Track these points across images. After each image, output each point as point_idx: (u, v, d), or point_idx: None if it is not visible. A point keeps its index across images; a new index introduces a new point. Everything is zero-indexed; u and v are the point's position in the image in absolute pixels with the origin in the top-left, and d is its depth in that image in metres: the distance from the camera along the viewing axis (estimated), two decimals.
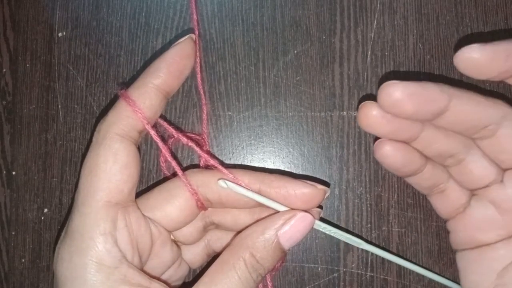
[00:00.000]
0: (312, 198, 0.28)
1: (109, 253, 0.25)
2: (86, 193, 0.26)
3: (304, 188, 0.28)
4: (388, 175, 0.34)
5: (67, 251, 0.25)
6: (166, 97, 0.28)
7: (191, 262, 0.31)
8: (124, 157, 0.26)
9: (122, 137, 0.26)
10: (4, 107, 0.35)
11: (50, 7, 0.36)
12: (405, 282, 0.34)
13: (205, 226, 0.30)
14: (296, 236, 0.27)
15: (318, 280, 0.34)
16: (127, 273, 0.25)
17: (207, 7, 0.35)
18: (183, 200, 0.28)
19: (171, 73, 0.27)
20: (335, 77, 0.35)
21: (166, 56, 0.28)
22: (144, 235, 0.27)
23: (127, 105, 0.27)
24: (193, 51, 0.29)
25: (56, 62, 0.35)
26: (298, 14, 0.35)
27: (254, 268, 0.26)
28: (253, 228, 0.27)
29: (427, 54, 0.35)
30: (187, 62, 0.28)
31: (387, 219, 0.34)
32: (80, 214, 0.25)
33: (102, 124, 0.27)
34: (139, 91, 0.27)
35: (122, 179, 0.26)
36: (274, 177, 0.28)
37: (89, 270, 0.24)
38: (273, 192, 0.28)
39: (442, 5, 0.35)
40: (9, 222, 0.35)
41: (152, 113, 0.27)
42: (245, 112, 0.35)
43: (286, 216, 0.27)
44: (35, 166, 0.35)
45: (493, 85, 0.34)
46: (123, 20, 0.35)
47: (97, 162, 0.26)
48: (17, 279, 0.34)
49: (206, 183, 0.28)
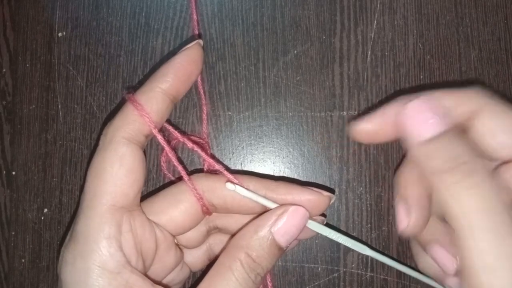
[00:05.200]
0: (317, 205, 0.28)
1: (112, 257, 0.25)
2: (92, 196, 0.26)
3: (310, 195, 0.28)
4: (388, 175, 0.34)
5: (71, 254, 0.25)
6: (173, 101, 0.28)
7: (192, 265, 0.31)
8: (131, 161, 0.26)
9: (129, 141, 0.26)
10: (4, 107, 0.35)
11: (50, 7, 0.36)
12: (405, 282, 0.34)
13: (208, 230, 0.30)
14: (291, 231, 0.27)
15: (318, 280, 0.34)
16: (129, 278, 0.25)
17: (207, 7, 0.35)
18: (189, 205, 0.28)
19: (179, 78, 0.27)
20: (335, 77, 0.35)
21: (174, 61, 0.28)
22: (149, 239, 0.27)
23: (134, 109, 0.26)
24: (200, 56, 0.29)
25: (56, 62, 0.35)
26: (298, 14, 0.35)
27: (252, 268, 0.26)
28: (246, 228, 0.27)
29: (427, 54, 0.35)
30: (195, 68, 0.28)
31: (387, 219, 0.34)
32: (85, 218, 0.25)
33: (109, 127, 0.27)
34: (147, 96, 0.27)
35: (128, 183, 0.26)
36: (280, 183, 0.28)
37: (92, 275, 0.24)
38: (278, 199, 0.28)
39: (442, 5, 0.35)
40: (9, 222, 0.35)
41: (159, 117, 0.27)
42: (245, 112, 0.35)
43: (278, 212, 0.27)
44: (35, 166, 0.35)
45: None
46: (123, 20, 0.35)
47: (103, 165, 0.26)
48: (17, 279, 0.34)
49: (212, 188, 0.28)
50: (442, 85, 0.35)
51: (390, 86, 0.35)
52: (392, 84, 0.35)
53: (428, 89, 0.26)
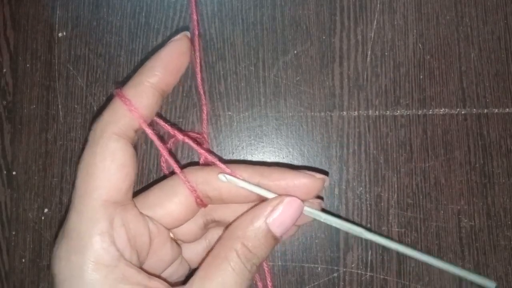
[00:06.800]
0: (311, 188, 0.27)
1: (106, 252, 0.25)
2: (83, 192, 0.26)
3: (303, 178, 0.27)
4: (388, 175, 0.34)
5: (65, 250, 0.25)
6: (163, 95, 0.28)
7: (192, 261, 0.31)
8: (121, 156, 0.26)
9: (119, 136, 0.26)
10: (5, 107, 0.35)
11: (50, 7, 0.36)
12: (405, 282, 0.34)
13: (205, 223, 0.30)
14: (286, 222, 0.27)
15: (318, 280, 0.34)
16: (125, 271, 0.25)
17: (207, 7, 0.35)
18: (182, 198, 0.28)
19: (167, 71, 0.27)
20: (335, 77, 0.35)
21: (162, 54, 0.28)
22: (142, 233, 0.27)
23: (123, 104, 0.26)
24: (188, 48, 0.28)
25: (56, 62, 0.35)
26: (298, 14, 0.35)
27: (247, 258, 0.26)
28: (242, 218, 0.27)
29: (427, 54, 0.35)
30: (183, 60, 0.28)
31: (387, 219, 0.34)
32: (77, 213, 0.25)
33: (98, 123, 0.27)
34: (135, 90, 0.27)
35: (119, 178, 0.26)
36: (273, 169, 0.28)
37: (87, 269, 0.24)
38: (272, 185, 0.28)
39: (442, 4, 0.35)
40: (9, 222, 0.35)
41: (148, 111, 0.27)
42: (245, 112, 0.35)
43: (274, 203, 0.27)
44: (35, 165, 0.35)
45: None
46: (123, 20, 0.35)
47: (94, 161, 0.26)
48: (17, 278, 0.34)
49: (205, 179, 0.28)
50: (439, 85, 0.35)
51: (390, 86, 0.35)
52: (392, 84, 0.35)
53: (428, 89, 0.26)
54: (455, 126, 0.35)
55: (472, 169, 0.34)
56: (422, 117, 0.35)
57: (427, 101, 0.35)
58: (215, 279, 0.25)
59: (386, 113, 0.34)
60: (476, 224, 0.34)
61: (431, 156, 0.34)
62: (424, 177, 0.34)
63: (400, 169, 0.34)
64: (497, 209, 0.34)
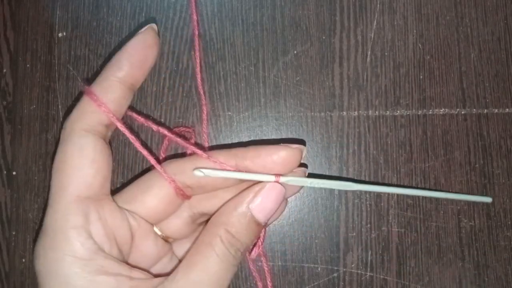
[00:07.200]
0: (290, 160, 0.27)
1: (83, 245, 0.25)
2: (57, 189, 0.26)
3: (279, 151, 0.27)
4: (388, 175, 0.34)
5: (42, 247, 0.25)
6: (132, 89, 0.28)
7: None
8: (91, 151, 0.26)
9: (87, 132, 0.26)
10: (5, 107, 0.35)
11: (50, 7, 0.36)
12: (405, 282, 0.34)
13: (192, 217, 0.30)
14: (268, 207, 0.27)
15: (318, 280, 0.34)
16: (104, 263, 0.25)
17: (207, 7, 0.35)
18: (159, 189, 0.28)
19: (134, 65, 0.27)
20: (334, 77, 0.35)
21: (127, 47, 0.27)
22: (121, 227, 0.27)
23: (90, 100, 0.27)
24: (155, 40, 0.28)
25: (56, 62, 0.35)
26: (298, 14, 0.35)
27: (231, 243, 0.26)
28: (226, 205, 0.27)
29: (427, 54, 0.35)
30: (150, 52, 0.28)
31: (387, 219, 0.34)
32: (52, 211, 0.26)
33: (67, 121, 0.27)
34: (102, 86, 0.27)
35: (90, 174, 0.26)
36: (248, 148, 0.28)
37: (64, 264, 0.24)
38: (250, 164, 0.27)
39: (442, 5, 0.35)
40: (9, 222, 0.35)
41: (117, 106, 0.27)
42: (245, 112, 0.35)
43: (256, 189, 0.27)
44: (36, 166, 0.35)
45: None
46: (123, 20, 0.35)
47: (64, 158, 0.26)
48: (17, 279, 0.34)
49: (182, 170, 0.28)
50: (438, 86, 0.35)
51: (390, 86, 0.35)
52: (392, 84, 0.35)
53: (428, 89, 0.26)
54: (455, 127, 0.35)
55: (472, 169, 0.34)
56: (422, 117, 0.35)
57: (427, 101, 0.35)
58: (199, 265, 0.25)
59: (386, 113, 0.34)
60: (476, 224, 0.34)
61: (431, 156, 0.34)
62: (424, 177, 0.34)
63: (400, 169, 0.34)
64: (497, 210, 0.34)
